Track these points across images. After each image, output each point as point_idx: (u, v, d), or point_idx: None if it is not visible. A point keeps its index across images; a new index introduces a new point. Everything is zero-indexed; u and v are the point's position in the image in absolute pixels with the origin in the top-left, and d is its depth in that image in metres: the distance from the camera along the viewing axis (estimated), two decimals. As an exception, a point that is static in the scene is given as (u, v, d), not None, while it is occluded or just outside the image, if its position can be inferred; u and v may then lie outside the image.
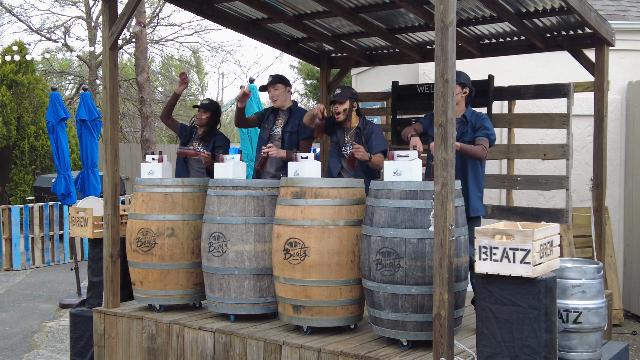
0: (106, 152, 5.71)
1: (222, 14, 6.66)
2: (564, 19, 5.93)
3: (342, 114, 5.55)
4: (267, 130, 6.00)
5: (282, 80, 5.94)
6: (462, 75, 5.19)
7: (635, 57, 8.43)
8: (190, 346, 5.12)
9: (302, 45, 7.56)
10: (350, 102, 5.57)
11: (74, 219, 6.33)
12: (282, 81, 5.94)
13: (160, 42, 24.06)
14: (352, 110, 5.60)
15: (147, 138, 15.64)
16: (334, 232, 4.63)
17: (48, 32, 23.43)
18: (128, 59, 27.25)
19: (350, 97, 5.55)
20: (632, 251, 8.18)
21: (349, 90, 5.59)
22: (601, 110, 6.04)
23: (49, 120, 9.57)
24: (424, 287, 4.24)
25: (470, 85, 5.27)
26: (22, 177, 16.41)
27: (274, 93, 5.90)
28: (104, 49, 5.73)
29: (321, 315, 4.68)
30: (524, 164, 8.12)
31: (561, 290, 4.28)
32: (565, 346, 4.31)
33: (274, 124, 5.97)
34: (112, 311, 5.61)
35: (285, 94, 5.93)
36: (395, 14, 6.29)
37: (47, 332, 7.85)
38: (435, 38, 3.91)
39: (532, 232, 3.68)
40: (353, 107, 5.60)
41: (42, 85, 17.33)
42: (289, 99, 5.98)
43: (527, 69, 8.11)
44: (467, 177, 5.16)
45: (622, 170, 8.41)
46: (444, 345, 3.89)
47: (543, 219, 6.14)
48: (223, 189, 5.13)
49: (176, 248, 5.41)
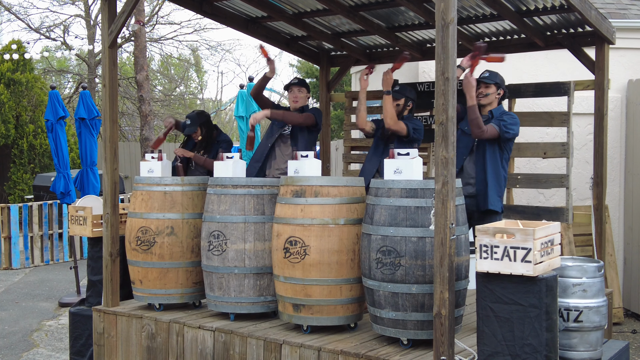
0: (105, 150, 5.70)
1: (221, 12, 6.64)
2: (564, 17, 5.92)
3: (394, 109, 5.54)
4: (277, 128, 6.04)
5: (307, 85, 6.06)
6: (498, 77, 5.35)
7: (635, 55, 8.42)
8: (190, 345, 5.11)
9: (301, 43, 7.55)
10: (405, 101, 5.60)
11: (73, 217, 6.31)
12: (307, 86, 6.05)
13: (160, 40, 24.05)
14: (406, 109, 5.63)
15: (146, 137, 15.62)
16: (334, 230, 4.62)
17: (47, 31, 23.42)
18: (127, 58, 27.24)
19: (406, 96, 5.59)
20: (632, 250, 8.17)
21: (407, 89, 5.64)
22: (601, 108, 6.03)
23: (47, 119, 9.56)
24: (424, 285, 4.23)
25: (504, 88, 5.42)
26: (20, 176, 16.39)
27: (298, 95, 6.00)
28: (103, 48, 5.72)
29: (321, 314, 4.67)
30: (524, 163, 8.11)
31: (562, 289, 4.27)
32: (566, 345, 4.30)
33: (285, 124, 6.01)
34: (112, 310, 5.60)
35: (305, 100, 6.03)
36: (395, 12, 6.28)
37: (47, 331, 7.84)
38: (436, 36, 3.89)
39: (533, 230, 3.67)
40: (407, 107, 5.63)
41: (41, 84, 17.31)
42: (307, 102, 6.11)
43: (528, 67, 8.10)
44: (486, 173, 5.22)
45: (622, 168, 8.41)
46: (445, 344, 3.88)
47: (543, 217, 6.13)
48: (223, 188, 5.12)
49: (176, 247, 5.40)
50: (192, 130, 6.27)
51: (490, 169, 5.22)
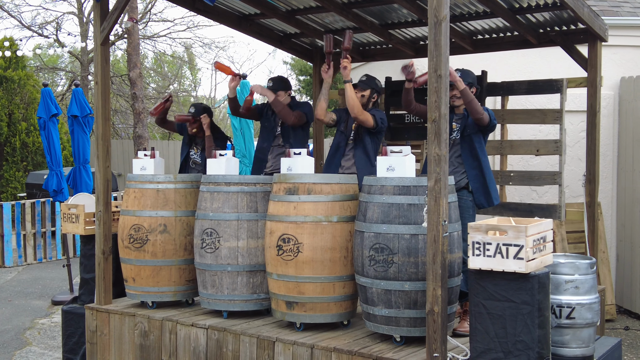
0: (98, 148, 5.68)
1: (214, 9, 6.62)
2: (557, 15, 5.93)
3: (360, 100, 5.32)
4: (268, 128, 6.00)
5: (284, 87, 5.93)
6: (469, 75, 5.09)
7: (628, 52, 8.44)
8: (183, 343, 5.10)
9: (295, 40, 7.53)
10: (371, 93, 5.39)
11: (66, 215, 6.29)
12: (284, 88, 5.93)
13: (153, 38, 23.96)
14: (371, 100, 5.41)
15: (139, 134, 15.57)
16: (327, 228, 4.62)
17: (39, 28, 23.32)
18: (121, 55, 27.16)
19: (371, 87, 5.37)
20: (624, 247, 8.20)
21: (372, 81, 5.43)
22: (594, 105, 6.04)
23: (40, 117, 9.51)
24: (417, 283, 4.23)
25: (476, 84, 5.19)
26: (13, 174, 16.32)
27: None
28: (95, 45, 5.70)
29: (314, 311, 4.67)
30: (516, 160, 8.13)
31: (554, 286, 4.28)
32: (559, 341, 4.31)
33: (274, 123, 5.96)
34: (104, 308, 5.59)
35: (285, 98, 5.93)
36: (388, 9, 6.28)
37: (39, 329, 7.82)
38: (429, 33, 3.89)
39: (525, 227, 3.67)
40: (372, 98, 5.41)
41: (34, 81, 17.23)
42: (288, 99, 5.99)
43: (520, 64, 8.11)
44: (482, 167, 4.95)
45: (615, 165, 8.43)
46: (437, 341, 3.89)
47: (536, 214, 6.14)
48: (215, 185, 5.11)
49: (168, 244, 5.39)
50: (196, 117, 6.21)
51: (485, 163, 4.99)
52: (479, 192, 4.97)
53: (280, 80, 5.97)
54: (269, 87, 5.90)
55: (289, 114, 5.77)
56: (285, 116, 5.77)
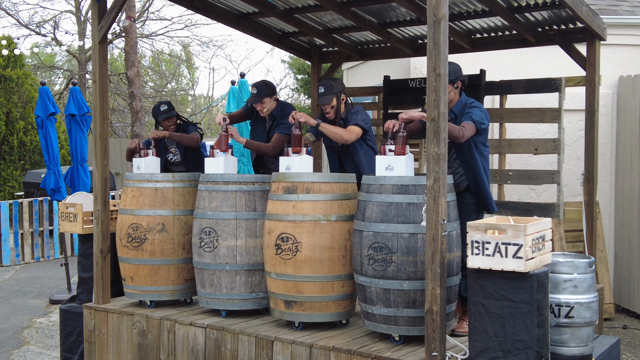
0: (96, 147, 5.67)
1: (212, 7, 6.61)
2: (555, 13, 5.93)
3: (332, 112, 5.40)
4: (258, 131, 5.93)
5: (268, 94, 5.73)
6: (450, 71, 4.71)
7: (626, 51, 8.44)
8: (182, 342, 5.09)
9: (293, 39, 7.52)
10: (337, 97, 5.37)
11: (64, 214, 6.28)
12: (268, 94, 5.73)
13: (151, 36, 23.96)
14: (341, 103, 5.41)
15: (137, 133, 15.56)
16: (326, 227, 4.61)
17: (37, 27, 23.29)
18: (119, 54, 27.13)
19: (333, 93, 5.34)
20: (622, 245, 8.20)
21: (330, 87, 5.35)
22: (592, 104, 6.04)
23: (38, 115, 9.50)
24: (416, 282, 4.23)
25: (460, 77, 4.92)
26: (10, 173, 16.30)
27: (261, 108, 5.74)
28: (93, 43, 5.68)
29: (313, 310, 4.66)
30: (515, 159, 8.12)
31: (553, 285, 4.28)
32: (557, 340, 4.31)
33: (264, 127, 5.92)
34: (103, 307, 5.58)
35: (272, 104, 5.77)
36: (386, 8, 6.27)
37: (37, 328, 7.80)
38: (428, 32, 3.89)
39: (524, 226, 3.67)
40: (341, 100, 5.41)
41: (31, 80, 17.22)
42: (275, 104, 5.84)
43: (519, 63, 8.10)
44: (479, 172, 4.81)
45: (613, 164, 8.43)
46: (436, 340, 3.88)
47: (534, 213, 6.15)
48: (214, 184, 5.10)
49: (167, 243, 5.38)
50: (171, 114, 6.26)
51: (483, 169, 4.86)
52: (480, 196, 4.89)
53: (265, 87, 5.76)
54: (252, 94, 5.75)
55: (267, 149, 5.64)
56: (265, 151, 5.68)
